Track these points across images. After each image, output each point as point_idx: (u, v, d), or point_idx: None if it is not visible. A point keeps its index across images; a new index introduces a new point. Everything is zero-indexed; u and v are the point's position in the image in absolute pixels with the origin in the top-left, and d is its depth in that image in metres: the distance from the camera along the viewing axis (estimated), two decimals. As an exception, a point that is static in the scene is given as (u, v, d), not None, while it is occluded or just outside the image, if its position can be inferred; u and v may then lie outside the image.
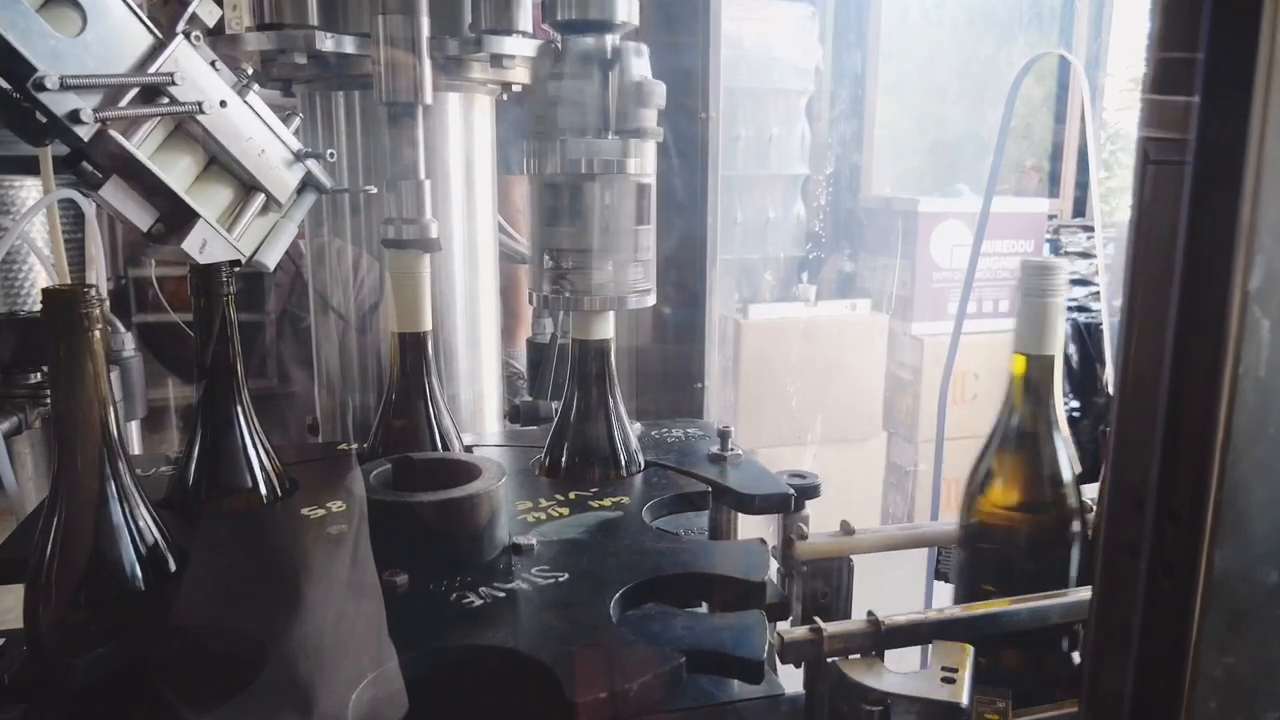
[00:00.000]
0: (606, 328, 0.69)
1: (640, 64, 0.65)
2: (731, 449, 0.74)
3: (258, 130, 0.63)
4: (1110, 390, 0.66)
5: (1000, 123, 1.50)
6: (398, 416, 0.71)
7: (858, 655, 0.57)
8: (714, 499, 0.70)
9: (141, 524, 0.50)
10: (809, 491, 0.73)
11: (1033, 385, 0.62)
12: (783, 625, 0.68)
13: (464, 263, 0.86)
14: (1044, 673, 0.62)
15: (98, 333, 0.46)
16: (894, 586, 0.75)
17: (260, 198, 0.64)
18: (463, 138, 0.84)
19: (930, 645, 0.57)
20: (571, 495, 0.66)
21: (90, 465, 0.48)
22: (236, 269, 0.62)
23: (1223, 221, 0.41)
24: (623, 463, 0.70)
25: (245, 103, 0.63)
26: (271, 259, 0.63)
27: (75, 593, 0.49)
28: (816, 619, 0.56)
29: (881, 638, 0.56)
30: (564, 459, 0.71)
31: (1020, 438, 0.63)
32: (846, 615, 0.70)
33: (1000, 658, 0.61)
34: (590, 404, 0.70)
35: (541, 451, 0.73)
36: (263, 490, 0.65)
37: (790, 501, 0.67)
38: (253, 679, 0.44)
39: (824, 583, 0.71)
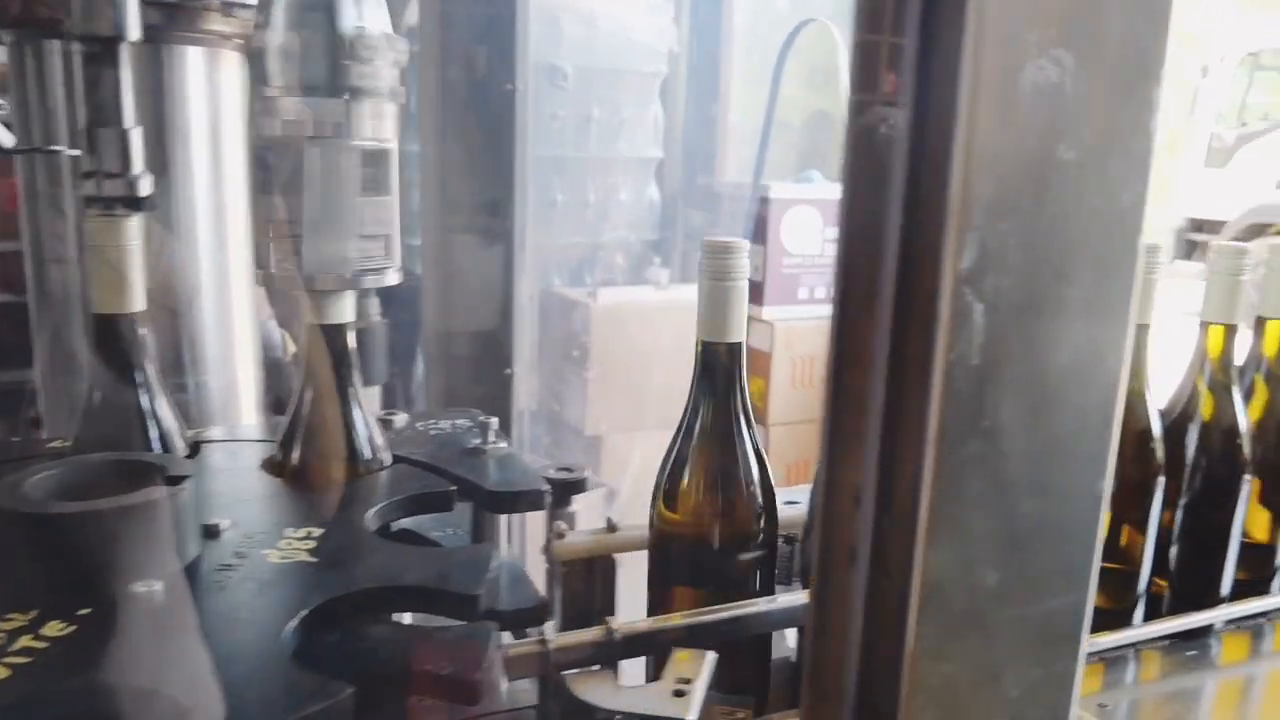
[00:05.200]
0: (343, 310, 0.63)
1: (359, 13, 0.58)
2: (493, 442, 0.68)
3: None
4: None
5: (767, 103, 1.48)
6: (100, 412, 0.62)
7: (596, 666, 0.53)
8: (467, 497, 0.64)
9: None
10: (574, 486, 0.68)
11: (718, 375, 0.58)
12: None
13: (211, 236, 0.77)
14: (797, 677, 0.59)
15: None
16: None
17: (-80, 154, 0.55)
18: (207, 97, 0.76)
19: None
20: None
21: None
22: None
23: (934, 197, 0.37)
24: (363, 459, 0.64)
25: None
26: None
27: None
28: (543, 629, 0.52)
29: (616, 647, 0.52)
30: (296, 456, 0.64)
31: (705, 433, 0.59)
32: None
33: (747, 663, 0.58)
34: (325, 396, 0.63)
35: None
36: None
37: (544, 498, 0.62)
38: None
39: (585, 585, 0.66)
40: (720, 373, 0.60)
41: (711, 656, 0.51)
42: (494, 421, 0.69)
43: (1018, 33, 0.35)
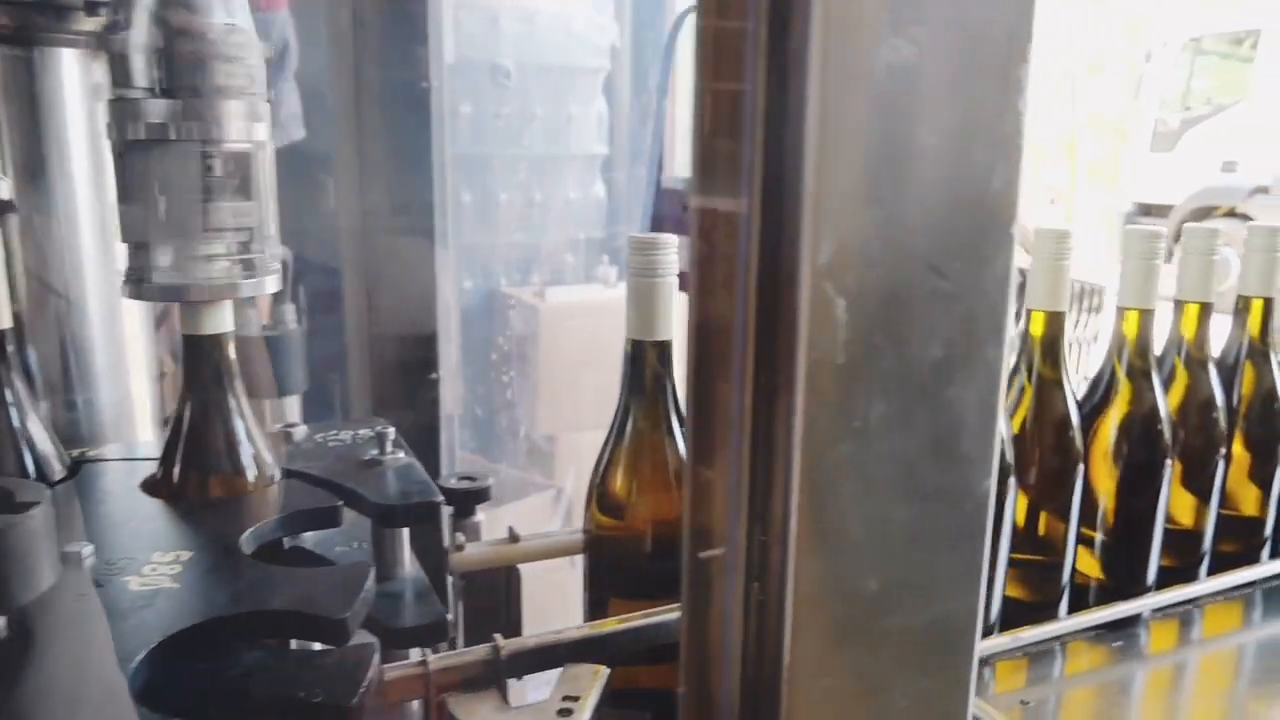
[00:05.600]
0: (219, 320, 0.59)
1: (224, 9, 0.55)
2: (390, 452, 0.66)
3: None
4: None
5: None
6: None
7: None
8: (360, 511, 0.61)
9: None
10: (477, 495, 0.66)
11: (647, 374, 0.57)
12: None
13: (96, 246, 0.74)
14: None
15: None
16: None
17: None
18: (84, 100, 0.72)
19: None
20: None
21: None
22: None
23: (791, 187, 0.35)
24: (249, 475, 0.61)
25: None
26: None
27: None
28: (427, 650, 0.49)
29: (502, 666, 0.49)
30: (174, 475, 0.60)
31: (637, 434, 0.58)
32: (515, 634, 0.64)
33: (645, 677, 0.55)
34: (203, 411, 0.60)
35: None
36: None
37: (437, 510, 0.60)
38: None
39: (489, 598, 0.64)
40: (650, 371, 0.59)
41: (603, 672, 0.49)
42: (391, 432, 0.66)
43: (870, 9, 0.33)
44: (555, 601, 0.74)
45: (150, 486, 0.62)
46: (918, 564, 0.39)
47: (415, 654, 0.64)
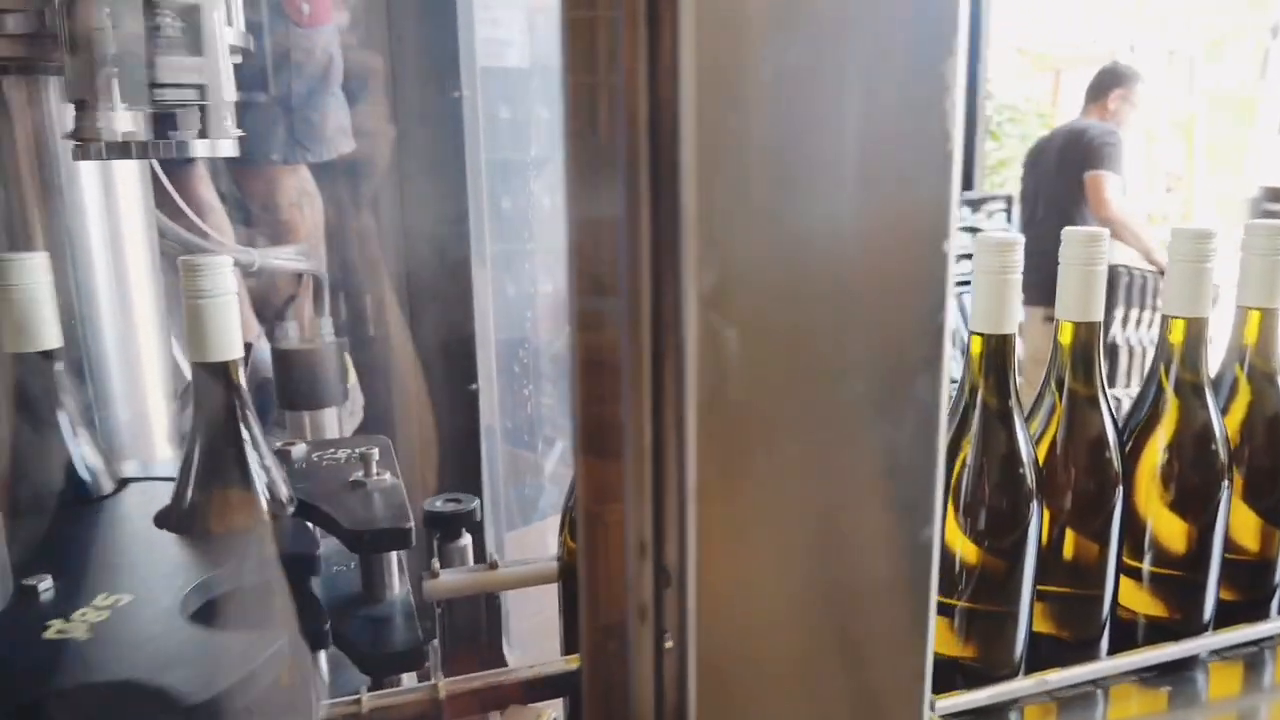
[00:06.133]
0: (227, 346, 0.58)
1: None
2: (375, 474, 0.64)
3: None
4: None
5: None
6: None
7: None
8: (335, 535, 0.60)
9: None
10: (462, 518, 0.64)
11: None
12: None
13: (108, 266, 0.75)
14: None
15: None
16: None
17: None
18: (92, 124, 0.73)
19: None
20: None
21: None
22: None
23: (671, 205, 0.32)
24: (262, 501, 0.59)
25: None
26: None
27: None
28: (361, 690, 0.47)
29: (442, 706, 0.47)
30: (185, 505, 0.59)
31: None
32: (498, 663, 0.61)
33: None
34: (214, 440, 0.58)
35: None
36: None
37: (408, 536, 0.58)
38: None
39: (470, 625, 0.62)
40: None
41: (549, 713, 0.46)
42: (375, 453, 0.65)
43: (752, 2, 0.30)
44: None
45: (161, 516, 0.61)
46: (847, 624, 0.35)
47: (409, 683, 0.63)
